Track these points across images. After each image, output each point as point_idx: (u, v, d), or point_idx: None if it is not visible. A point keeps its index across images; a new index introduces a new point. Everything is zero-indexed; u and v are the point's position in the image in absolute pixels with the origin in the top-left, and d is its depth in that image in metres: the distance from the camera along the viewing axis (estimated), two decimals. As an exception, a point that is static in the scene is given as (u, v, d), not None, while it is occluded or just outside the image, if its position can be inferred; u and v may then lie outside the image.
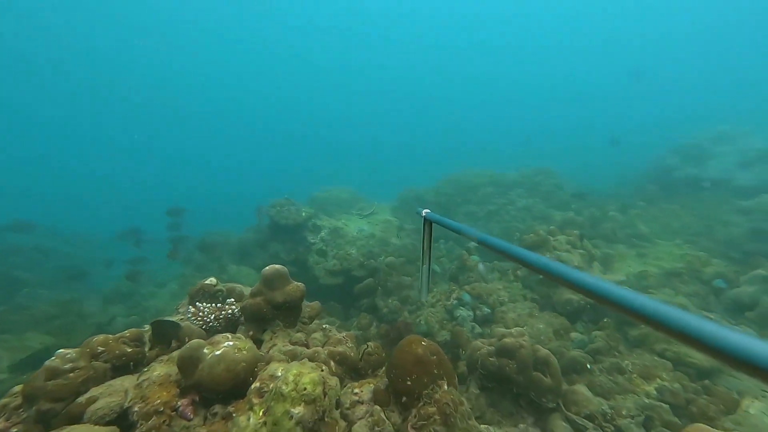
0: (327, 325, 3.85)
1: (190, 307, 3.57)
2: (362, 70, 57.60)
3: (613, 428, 3.86)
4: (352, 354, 3.53)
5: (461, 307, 6.77)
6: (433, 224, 1.65)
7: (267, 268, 3.68)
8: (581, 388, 4.42)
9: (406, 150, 52.26)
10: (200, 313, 3.43)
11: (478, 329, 6.46)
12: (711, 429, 1.88)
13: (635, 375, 4.77)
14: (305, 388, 2.17)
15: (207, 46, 48.11)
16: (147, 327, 3.09)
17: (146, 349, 2.91)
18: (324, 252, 10.31)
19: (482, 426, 3.36)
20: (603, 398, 4.43)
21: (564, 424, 3.90)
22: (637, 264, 7.65)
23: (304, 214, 11.16)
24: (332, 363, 3.30)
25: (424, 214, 1.69)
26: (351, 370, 3.50)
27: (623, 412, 4.09)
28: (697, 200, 9.74)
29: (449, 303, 6.94)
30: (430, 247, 1.82)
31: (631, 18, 46.66)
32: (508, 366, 4.35)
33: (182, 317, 3.76)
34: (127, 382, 2.47)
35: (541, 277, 6.89)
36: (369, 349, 3.82)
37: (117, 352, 2.67)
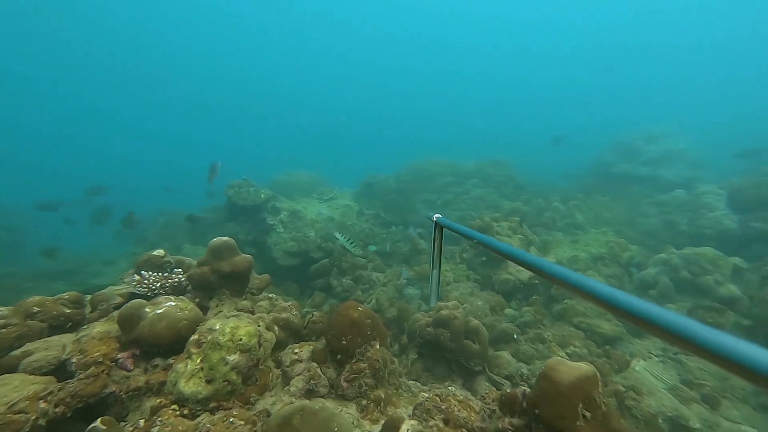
0: (274, 295, 4.05)
1: (135, 275, 3.65)
2: (332, 58, 56.67)
3: (527, 386, 4.40)
4: (296, 320, 3.78)
5: (410, 286, 7.19)
6: (444, 229, 1.60)
7: (214, 239, 3.81)
8: (505, 354, 4.96)
9: (371, 139, 52.43)
10: (145, 281, 3.52)
11: (424, 306, 6.91)
12: (568, 361, 2.32)
13: (554, 343, 5.39)
14: (241, 339, 2.39)
15: (173, 21, 45.13)
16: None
17: (86, 311, 3.00)
18: (282, 233, 10.39)
19: (410, 382, 3.74)
20: (524, 363, 4.99)
21: (486, 383, 4.40)
22: (570, 249, 8.43)
23: (263, 195, 11.11)
24: (276, 328, 3.53)
25: (435, 219, 1.63)
26: (294, 335, 3.75)
27: (537, 373, 4.65)
28: (626, 194, 10.80)
29: (399, 282, 7.34)
30: (441, 252, 1.75)
31: (589, 26, 49.14)
32: (442, 335, 4.79)
33: (126, 286, 3.81)
34: (65, 338, 2.57)
35: (484, 259, 7.47)
36: (314, 318, 4.09)
37: (54, 312, 2.74)
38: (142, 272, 3.68)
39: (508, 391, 2.58)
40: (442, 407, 2.70)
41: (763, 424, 4.23)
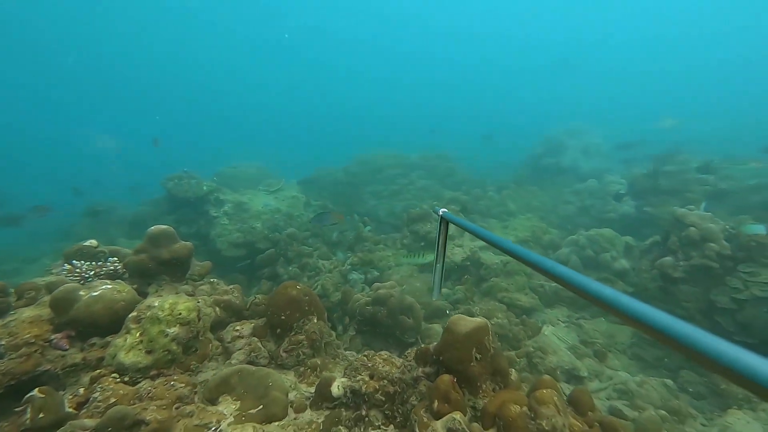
0: (215, 279, 4.21)
1: (66, 264, 3.63)
2: (277, 53, 55.02)
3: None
4: (238, 302, 3.98)
5: (354, 272, 7.57)
6: (449, 224, 1.58)
7: (153, 227, 3.88)
8: (437, 327, 5.53)
9: (318, 132, 51.93)
10: (77, 270, 3.53)
11: (367, 290, 7.33)
12: (466, 317, 2.83)
13: (480, 316, 6.06)
14: (180, 313, 2.60)
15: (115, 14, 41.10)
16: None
17: (12, 300, 3.00)
18: (227, 225, 10.26)
19: (347, 352, 4.13)
20: (453, 333, 5.59)
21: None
22: (501, 234, 9.31)
23: (205, 187, 10.85)
24: (217, 309, 3.71)
25: (440, 214, 1.59)
26: (236, 315, 3.95)
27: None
28: (552, 183, 12.05)
29: (344, 268, 7.69)
30: (445, 246, 1.72)
31: (527, 25, 52.38)
32: (380, 312, 5.23)
33: (55, 277, 3.76)
34: (-6, 324, 2.60)
35: (423, 244, 8.04)
36: (256, 300, 4.31)
37: (-19, 301, 2.74)
38: (73, 261, 3.66)
39: (423, 346, 3.05)
40: (369, 365, 3.10)
41: (635, 368, 5.20)
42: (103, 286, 2.76)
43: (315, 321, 3.69)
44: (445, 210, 1.58)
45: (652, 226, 8.42)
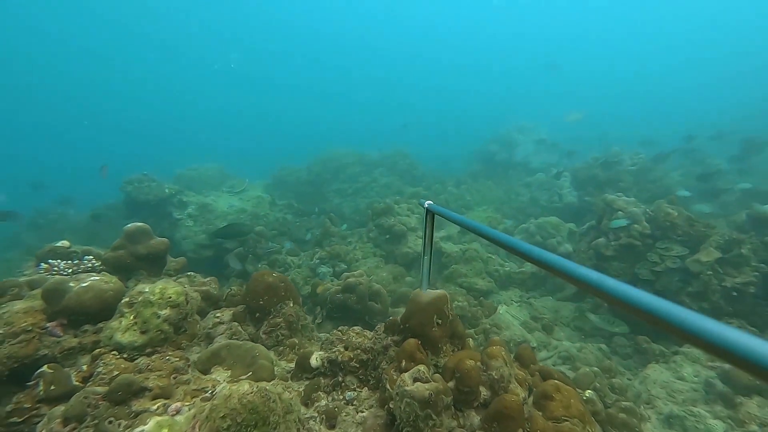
0: (192, 273, 4.41)
1: (42, 264, 3.70)
2: (238, 50, 53.54)
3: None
4: (215, 292, 4.22)
5: (322, 266, 7.89)
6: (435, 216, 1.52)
7: (129, 225, 4.03)
8: (401, 311, 5.99)
9: (277, 132, 51.17)
10: (55, 268, 3.62)
11: (336, 281, 7.68)
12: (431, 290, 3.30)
13: (442, 298, 6.61)
14: (170, 297, 2.86)
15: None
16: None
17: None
18: (192, 227, 10.18)
19: (321, 334, 4.49)
20: (418, 315, 6.09)
21: (386, 331, 5.34)
22: (460, 225, 9.99)
23: (167, 190, 10.67)
24: (198, 297, 3.94)
25: (426, 206, 1.54)
26: (214, 305, 4.19)
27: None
28: (505, 177, 13.01)
29: (312, 263, 7.98)
30: (432, 238, 1.64)
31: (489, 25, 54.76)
32: (349, 299, 5.62)
33: (29, 277, 3.81)
34: (-15, 317, 2.73)
35: (387, 237, 8.50)
36: (232, 291, 4.55)
37: (-34, 297, 2.84)
38: (50, 261, 3.74)
39: (391, 318, 3.49)
40: (343, 338, 3.49)
41: (576, 338, 5.97)
42: (92, 278, 2.95)
43: (291, 305, 4.02)
44: (431, 202, 1.55)
45: (592, 214, 9.43)
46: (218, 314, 3.79)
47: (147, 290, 2.82)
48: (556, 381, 2.43)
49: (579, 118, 14.35)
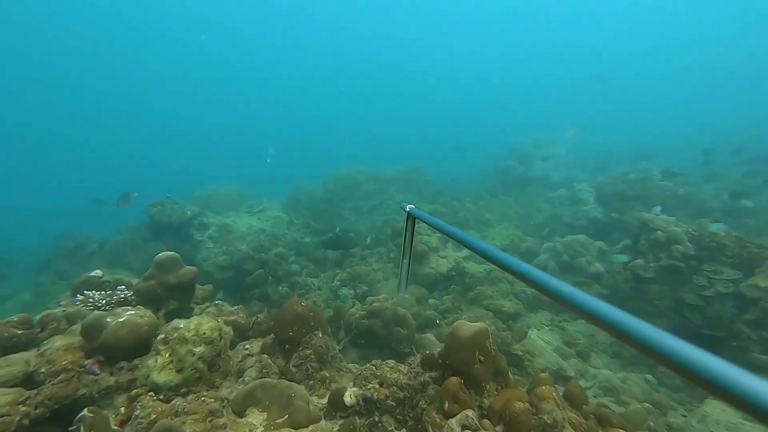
0: (220, 301, 4.37)
1: (78, 295, 3.72)
2: (247, 73, 55.40)
3: (447, 358, 5.29)
4: (243, 322, 4.16)
5: (344, 288, 7.79)
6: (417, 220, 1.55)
7: (160, 254, 4.03)
8: (429, 336, 5.83)
9: (292, 151, 52.06)
10: (90, 300, 3.63)
11: (358, 305, 7.56)
12: (467, 322, 3.16)
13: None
14: (205, 333, 2.81)
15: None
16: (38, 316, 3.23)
17: (37, 331, 3.10)
18: (212, 249, 10.26)
19: (350, 365, 4.36)
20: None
21: (415, 359, 5.18)
22: (482, 244, 9.80)
23: (189, 212, 10.83)
24: (228, 328, 3.88)
25: (408, 209, 1.56)
26: (241, 336, 4.12)
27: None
28: (524, 193, 12.78)
29: (333, 284, 7.90)
30: (412, 242, 1.69)
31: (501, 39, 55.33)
32: (375, 324, 5.49)
33: (65, 308, 3.83)
34: (25, 355, 2.72)
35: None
36: (258, 319, 4.48)
37: (6, 334, 2.85)
38: (85, 292, 3.76)
39: (428, 352, 3.35)
40: (377, 373, 3.36)
41: (616, 365, 5.67)
42: (128, 312, 2.93)
43: (320, 335, 3.92)
44: (412, 206, 1.57)
45: (620, 230, 9.13)
46: (248, 345, 3.71)
47: (182, 326, 2.77)
48: (618, 430, 2.24)
49: (573, 133, 14.00)
